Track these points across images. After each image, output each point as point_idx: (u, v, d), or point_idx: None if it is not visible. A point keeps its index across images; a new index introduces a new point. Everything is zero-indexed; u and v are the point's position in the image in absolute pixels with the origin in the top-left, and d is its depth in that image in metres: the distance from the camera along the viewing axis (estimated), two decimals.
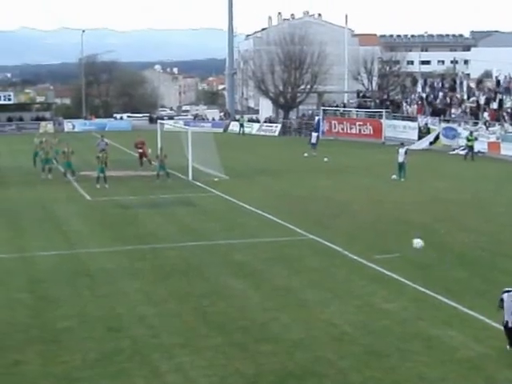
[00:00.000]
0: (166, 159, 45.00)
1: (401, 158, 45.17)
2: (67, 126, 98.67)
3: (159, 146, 48.52)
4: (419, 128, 68.50)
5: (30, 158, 51.82)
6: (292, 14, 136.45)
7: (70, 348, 16.90)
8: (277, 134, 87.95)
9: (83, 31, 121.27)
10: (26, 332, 18.00)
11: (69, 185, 43.96)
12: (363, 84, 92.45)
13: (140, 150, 51.43)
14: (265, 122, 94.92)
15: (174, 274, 23.38)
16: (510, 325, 16.06)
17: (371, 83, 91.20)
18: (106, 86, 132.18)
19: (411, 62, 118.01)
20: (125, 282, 22.62)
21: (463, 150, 59.57)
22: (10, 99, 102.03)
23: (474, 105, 67.52)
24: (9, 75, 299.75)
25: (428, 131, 67.54)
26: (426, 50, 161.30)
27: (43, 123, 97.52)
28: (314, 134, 63.79)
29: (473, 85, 74.07)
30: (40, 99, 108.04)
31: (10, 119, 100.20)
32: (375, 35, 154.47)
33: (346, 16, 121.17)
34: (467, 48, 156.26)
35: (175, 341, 17.25)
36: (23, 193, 40.51)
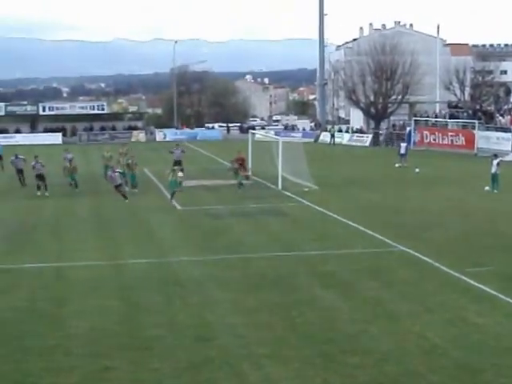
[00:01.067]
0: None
1: (494, 169, 44.36)
2: (159, 135, 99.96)
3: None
4: None
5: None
6: (383, 24, 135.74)
7: (159, 356, 17.03)
8: (367, 144, 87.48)
9: (176, 42, 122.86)
10: (116, 338, 18.22)
11: (160, 193, 44.48)
12: (455, 94, 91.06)
13: (236, 166, 50.72)
14: (355, 132, 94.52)
15: (264, 284, 23.37)
16: None
17: (463, 93, 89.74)
18: (197, 96, 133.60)
19: (505, 72, 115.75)
20: (215, 291, 22.71)
21: None
22: (103, 109, 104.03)
23: None
24: (103, 85, 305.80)
25: None
26: None
27: (135, 132, 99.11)
28: (403, 145, 63.11)
29: None
30: (132, 109, 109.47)
31: (103, 128, 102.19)
32: (467, 45, 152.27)
33: (438, 26, 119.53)
34: None
35: (264, 351, 17.21)
36: (117, 201, 41.08)
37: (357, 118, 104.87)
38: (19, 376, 16.04)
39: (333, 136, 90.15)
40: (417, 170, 54.68)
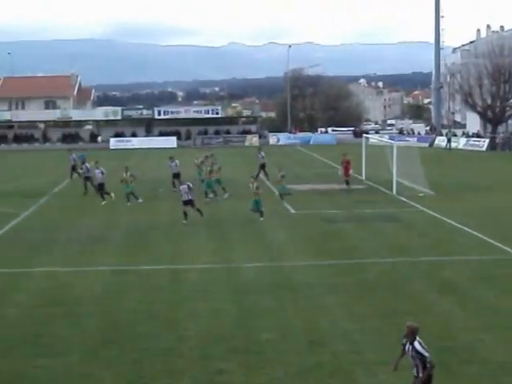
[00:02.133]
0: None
1: None
2: (272, 139, 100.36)
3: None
4: None
5: (241, 171, 52.79)
6: (501, 26, 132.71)
7: (272, 360, 17.01)
8: (484, 148, 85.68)
9: (290, 46, 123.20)
10: (229, 342, 18.29)
11: (273, 197, 44.55)
12: None
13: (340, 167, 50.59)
14: (471, 136, 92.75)
15: (377, 290, 23.11)
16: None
17: None
18: (310, 100, 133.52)
19: None
20: (327, 296, 22.58)
21: None
22: (217, 113, 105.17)
23: None
24: (217, 89, 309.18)
25: None
26: None
27: (249, 136, 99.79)
28: None
29: None
30: (246, 113, 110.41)
31: (217, 132, 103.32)
32: None
33: None
34: None
35: (376, 358, 17.00)
36: (234, 205, 41.34)
37: (473, 122, 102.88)
38: (134, 376, 16.28)
39: (449, 140, 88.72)
40: None
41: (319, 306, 21.47)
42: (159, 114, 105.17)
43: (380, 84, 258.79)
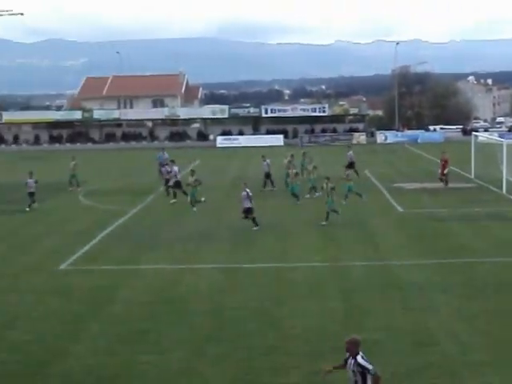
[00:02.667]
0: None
1: None
2: (379, 137, 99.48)
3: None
4: None
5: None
6: None
7: (378, 360, 16.78)
8: None
9: (397, 43, 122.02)
10: (335, 340, 18.14)
11: (381, 195, 44.23)
12: None
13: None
14: None
15: (486, 290, 22.66)
16: None
17: None
18: (418, 98, 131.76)
19: None
20: (435, 295, 22.24)
21: None
22: (324, 111, 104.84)
23: None
24: (323, 87, 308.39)
25: None
26: None
27: (356, 134, 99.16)
28: None
29: None
30: (353, 111, 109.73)
31: (324, 130, 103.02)
32: None
33: None
34: None
35: (484, 359, 16.69)
36: (341, 204, 41.16)
37: None
38: (240, 373, 16.36)
39: None
40: None
41: (427, 306, 21.16)
42: (266, 112, 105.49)
43: (489, 81, 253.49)
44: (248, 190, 34.80)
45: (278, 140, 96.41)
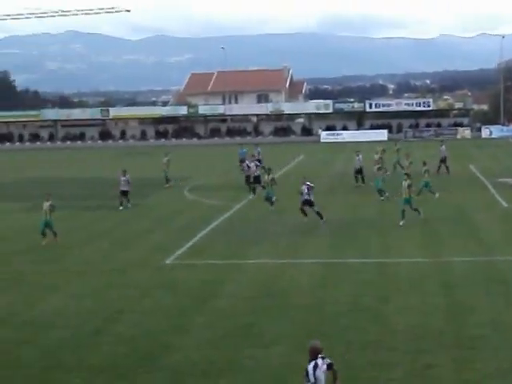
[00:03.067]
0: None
1: None
2: (484, 132, 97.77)
3: None
4: None
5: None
6: None
7: (483, 356, 16.69)
8: None
9: (503, 37, 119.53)
10: (439, 336, 18.09)
11: (486, 191, 43.57)
12: None
13: None
14: None
15: None
16: None
17: None
18: None
19: None
20: None
21: None
22: (429, 105, 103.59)
23: None
24: (428, 81, 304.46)
25: None
26: None
27: (460, 129, 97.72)
28: None
29: None
30: (458, 105, 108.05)
31: (428, 125, 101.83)
32: None
33: None
34: None
35: None
36: (444, 199, 40.75)
37: None
38: (341, 368, 16.40)
39: None
40: None
41: None
42: (370, 106, 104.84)
43: None
44: (309, 184, 34.96)
45: (381, 135, 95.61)
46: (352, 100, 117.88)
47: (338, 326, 19.34)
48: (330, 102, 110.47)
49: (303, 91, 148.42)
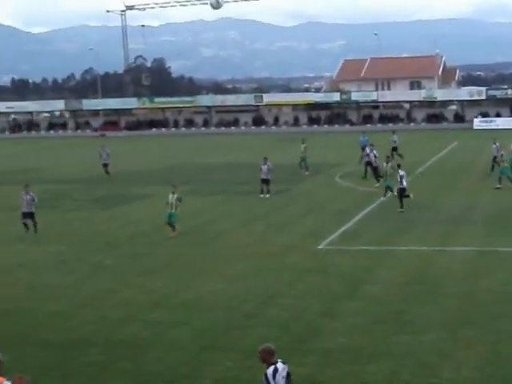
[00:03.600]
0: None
1: None
2: None
3: None
4: None
5: None
6: None
7: None
8: None
9: None
10: None
11: None
12: None
13: None
14: None
15: None
16: None
17: None
18: None
19: None
20: None
21: None
22: None
23: None
24: None
25: None
26: None
27: None
28: None
29: None
30: None
31: None
32: None
33: None
34: None
35: None
36: None
37: None
38: (492, 357, 16.21)
39: None
40: None
41: None
42: None
43: None
44: (401, 172, 35.18)
45: None
46: (505, 87, 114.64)
47: (489, 314, 19.12)
48: (483, 88, 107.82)
49: (456, 78, 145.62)
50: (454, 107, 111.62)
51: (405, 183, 35.11)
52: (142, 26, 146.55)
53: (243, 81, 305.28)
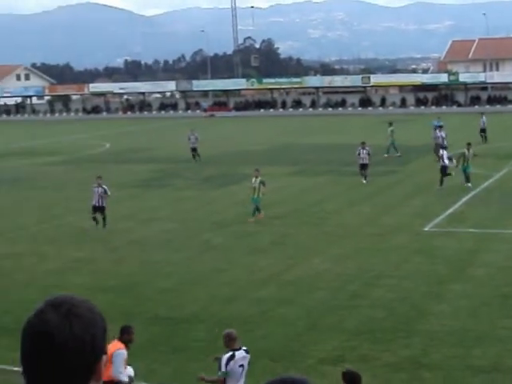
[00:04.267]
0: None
1: None
2: None
3: None
4: None
5: None
6: None
7: None
8: None
9: None
10: None
11: None
12: None
13: None
14: None
15: None
16: None
17: None
18: None
19: None
20: None
21: None
22: None
23: None
24: None
25: None
26: None
27: None
28: None
29: None
30: None
31: None
32: None
33: None
34: None
35: None
36: None
37: None
38: None
39: None
40: None
41: None
42: None
43: None
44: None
45: None
46: None
47: None
48: None
49: None
50: None
51: (447, 162, 35.84)
52: (251, 7, 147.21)
53: (350, 62, 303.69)
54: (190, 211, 33.54)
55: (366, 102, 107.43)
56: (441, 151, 36.39)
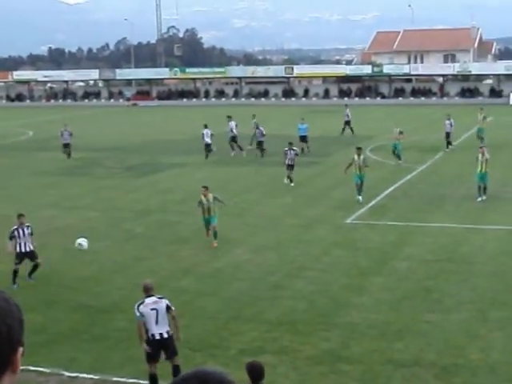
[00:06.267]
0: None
1: None
2: None
3: None
4: None
5: None
6: None
7: None
8: None
9: None
10: None
11: None
12: None
13: None
14: None
15: None
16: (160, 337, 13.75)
17: None
18: None
19: None
20: None
21: None
22: None
23: None
24: None
25: None
26: None
27: None
28: None
29: None
30: None
31: None
32: None
33: None
34: None
35: None
36: None
37: None
38: None
39: None
40: None
41: None
42: None
43: None
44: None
45: None
46: None
47: None
48: None
49: (493, 51, 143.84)
50: (489, 81, 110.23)
51: None
52: None
53: (274, 52, 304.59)
54: (113, 200, 33.19)
55: (289, 93, 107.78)
56: None
